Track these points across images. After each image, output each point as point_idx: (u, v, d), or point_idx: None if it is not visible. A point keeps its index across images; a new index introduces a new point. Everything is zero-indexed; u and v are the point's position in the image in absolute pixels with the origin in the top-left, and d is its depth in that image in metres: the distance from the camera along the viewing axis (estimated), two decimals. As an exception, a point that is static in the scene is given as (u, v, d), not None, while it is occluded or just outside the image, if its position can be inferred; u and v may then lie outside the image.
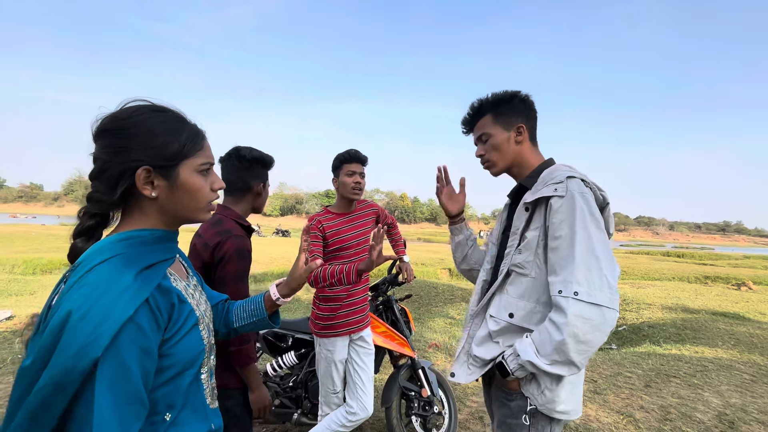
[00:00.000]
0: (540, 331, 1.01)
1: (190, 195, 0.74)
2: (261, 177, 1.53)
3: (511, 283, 1.14)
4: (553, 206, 1.04)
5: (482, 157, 1.28)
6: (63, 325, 0.56)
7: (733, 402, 3.11)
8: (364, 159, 2.02)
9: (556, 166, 1.18)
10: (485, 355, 1.15)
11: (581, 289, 0.95)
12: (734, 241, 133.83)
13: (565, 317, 0.94)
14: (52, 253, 11.44)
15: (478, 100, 1.26)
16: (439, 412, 2.36)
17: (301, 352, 2.48)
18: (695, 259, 26.26)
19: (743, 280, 12.74)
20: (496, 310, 1.15)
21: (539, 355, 0.99)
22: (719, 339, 5.11)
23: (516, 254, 1.12)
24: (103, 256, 0.63)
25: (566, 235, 1.00)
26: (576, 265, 0.97)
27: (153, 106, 0.73)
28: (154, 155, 0.69)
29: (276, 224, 49.88)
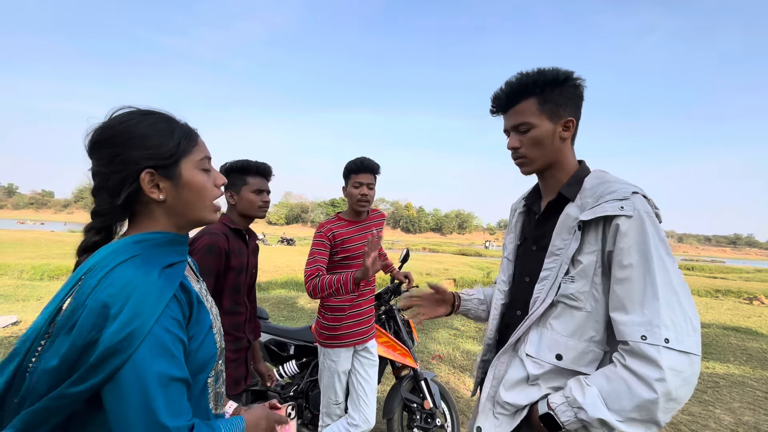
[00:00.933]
0: (610, 381, 0.83)
1: (196, 192, 0.73)
2: (232, 186, 1.63)
3: (558, 316, 0.94)
4: (621, 228, 0.85)
5: (516, 150, 1.03)
6: (98, 322, 0.57)
7: (746, 420, 3.01)
8: (374, 168, 1.95)
9: (602, 174, 1.00)
10: (519, 401, 0.96)
11: (671, 334, 0.79)
12: (745, 254, 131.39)
13: (660, 371, 0.77)
14: (60, 259, 11.57)
15: (520, 76, 0.98)
16: (441, 425, 2.32)
17: (303, 361, 2.46)
18: (705, 272, 25.81)
19: (755, 294, 12.46)
20: (537, 349, 0.95)
21: (610, 410, 0.82)
22: (731, 354, 4.98)
23: (567, 283, 0.92)
24: (122, 256, 0.63)
25: (638, 264, 0.84)
26: (660, 303, 0.80)
27: (140, 111, 0.72)
28: (152, 157, 0.68)
29: (281, 233, 50.02)
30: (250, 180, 1.64)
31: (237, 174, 1.63)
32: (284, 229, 76.31)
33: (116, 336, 0.56)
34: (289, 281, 11.32)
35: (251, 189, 1.64)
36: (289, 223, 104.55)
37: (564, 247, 0.94)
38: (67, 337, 0.57)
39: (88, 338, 0.56)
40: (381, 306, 2.56)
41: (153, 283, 0.62)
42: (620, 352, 0.85)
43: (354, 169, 1.93)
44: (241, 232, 1.63)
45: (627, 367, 0.82)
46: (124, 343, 0.56)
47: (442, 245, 58.40)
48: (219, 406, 0.83)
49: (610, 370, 0.85)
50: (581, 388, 0.86)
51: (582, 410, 0.84)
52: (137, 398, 0.57)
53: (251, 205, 1.64)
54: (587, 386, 0.85)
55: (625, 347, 0.84)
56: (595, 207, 0.90)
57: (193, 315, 0.70)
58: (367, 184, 1.92)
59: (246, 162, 1.65)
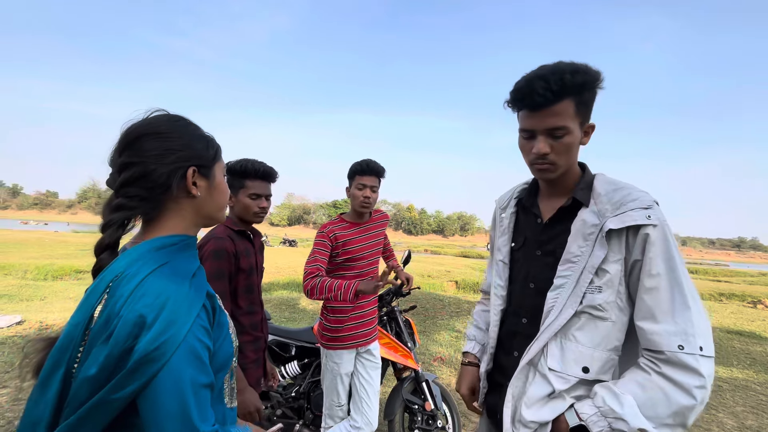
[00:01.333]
0: (645, 389, 0.82)
1: (222, 194, 0.82)
2: (230, 187, 1.55)
3: (581, 328, 0.90)
4: (650, 238, 0.85)
5: (545, 156, 0.92)
6: (134, 332, 0.59)
7: (749, 424, 3.00)
8: (379, 171, 1.94)
9: (609, 178, 0.98)
10: (545, 416, 0.91)
11: (703, 342, 0.81)
12: (750, 257, 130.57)
13: (702, 379, 0.79)
14: (64, 259, 11.64)
15: (560, 72, 0.86)
16: (442, 426, 2.32)
17: (305, 362, 2.47)
18: (709, 276, 25.67)
19: (759, 297, 12.38)
20: (560, 363, 0.91)
21: (646, 417, 0.82)
22: (734, 358, 4.96)
23: (594, 293, 0.89)
24: (151, 264, 0.65)
25: (665, 273, 0.84)
26: (692, 312, 0.82)
27: (181, 116, 0.79)
28: (198, 156, 0.75)
29: (283, 234, 50.15)
30: (248, 183, 1.58)
31: (236, 176, 1.58)
32: (286, 231, 76.47)
33: (152, 344, 0.58)
34: (291, 282, 11.33)
35: (248, 193, 1.58)
36: (292, 225, 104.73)
37: (581, 254, 0.90)
38: (104, 346, 0.59)
39: (124, 347, 0.58)
40: (383, 307, 2.57)
41: (185, 294, 0.65)
42: (652, 360, 0.84)
43: (359, 171, 1.93)
44: (245, 233, 1.61)
45: (664, 375, 0.82)
46: (160, 351, 0.59)
47: (444, 247, 58.31)
48: (233, 399, 0.86)
49: (644, 378, 0.84)
50: (616, 398, 0.83)
51: (621, 420, 0.82)
52: (172, 404, 0.60)
53: (246, 210, 1.60)
54: (623, 395, 0.83)
55: (659, 356, 0.83)
56: (621, 215, 0.87)
57: (216, 318, 0.73)
58: (370, 186, 1.93)
59: (246, 163, 1.59)
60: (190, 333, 0.63)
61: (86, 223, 71.53)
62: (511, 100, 0.94)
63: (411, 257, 2.72)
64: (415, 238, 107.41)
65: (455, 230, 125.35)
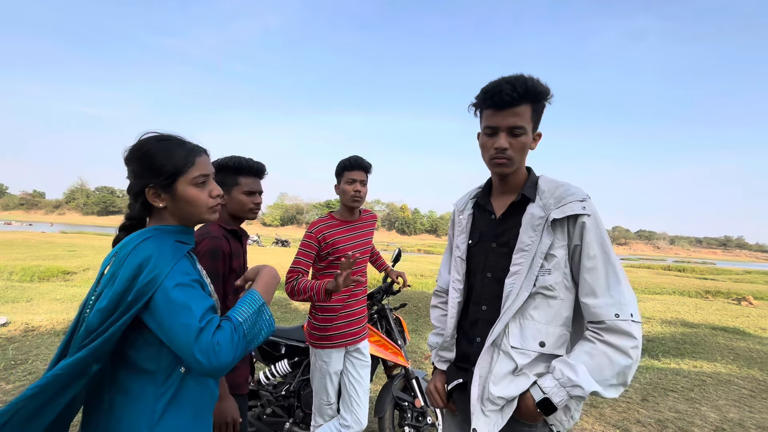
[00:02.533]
0: (593, 356, 0.96)
1: (189, 204, 0.96)
2: (222, 185, 1.47)
3: (537, 307, 1.03)
4: (586, 225, 1.00)
5: (504, 150, 1.05)
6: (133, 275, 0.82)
7: (731, 417, 3.07)
8: (366, 166, 1.98)
9: (550, 178, 1.13)
10: (510, 393, 1.02)
11: (633, 310, 0.96)
12: (735, 256, 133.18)
13: (635, 340, 0.94)
14: (51, 260, 11.43)
15: (524, 80, 1.01)
16: (432, 423, 2.34)
17: (295, 361, 2.47)
18: (696, 274, 26.15)
19: (744, 295, 12.66)
20: (520, 340, 1.03)
21: (596, 381, 0.95)
22: (718, 353, 5.07)
23: (544, 275, 1.02)
24: (144, 236, 0.90)
25: (599, 255, 0.99)
26: (623, 285, 0.98)
27: (159, 136, 0.97)
28: (155, 176, 0.92)
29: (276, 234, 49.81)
30: (241, 180, 1.59)
31: (228, 173, 1.57)
32: (279, 231, 76.01)
33: (145, 279, 0.82)
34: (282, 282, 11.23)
35: (242, 190, 1.58)
36: (284, 225, 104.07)
37: (532, 243, 1.04)
38: (110, 288, 0.83)
39: (126, 285, 0.82)
40: (373, 305, 2.58)
41: (167, 247, 0.89)
42: (594, 330, 0.99)
43: (347, 166, 1.96)
44: (237, 233, 1.59)
45: (606, 341, 0.96)
46: (150, 284, 0.83)
47: (437, 247, 58.50)
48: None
49: (590, 347, 0.98)
50: (571, 368, 0.96)
51: (578, 387, 0.95)
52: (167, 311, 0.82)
53: (241, 207, 1.60)
54: (576, 365, 0.96)
55: (600, 326, 0.98)
56: (562, 207, 1.02)
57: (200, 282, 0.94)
58: (360, 180, 1.96)
59: (238, 160, 1.59)
60: (173, 271, 0.85)
61: (75, 225, 70.24)
62: (480, 100, 1.09)
63: (401, 255, 2.74)
64: (409, 238, 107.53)
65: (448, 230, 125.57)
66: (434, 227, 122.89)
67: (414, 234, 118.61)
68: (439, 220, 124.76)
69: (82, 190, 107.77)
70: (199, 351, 0.78)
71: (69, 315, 5.25)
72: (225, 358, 0.80)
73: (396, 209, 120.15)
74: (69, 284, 8.91)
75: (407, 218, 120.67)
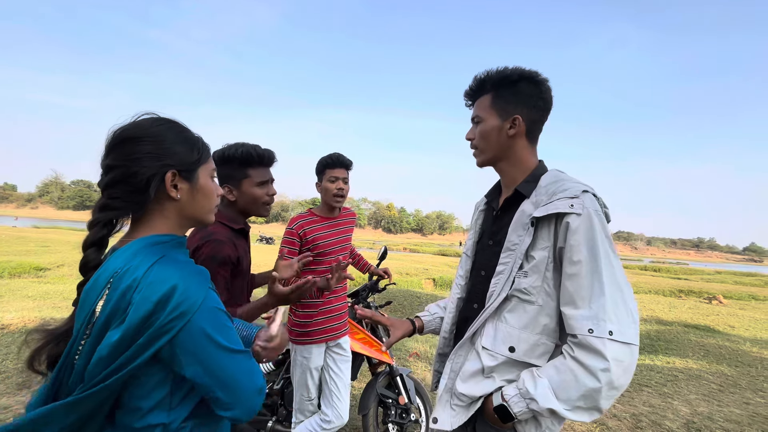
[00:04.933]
0: (559, 372, 0.87)
1: (207, 197, 0.83)
2: (229, 179, 1.38)
3: (512, 310, 0.97)
4: (571, 226, 0.89)
5: (471, 141, 1.12)
6: (150, 315, 0.65)
7: (701, 410, 3.21)
8: (347, 164, 1.97)
9: (558, 173, 1.03)
10: (474, 392, 0.98)
11: (614, 327, 0.83)
12: (707, 257, 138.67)
13: (605, 362, 0.82)
14: (23, 256, 10.97)
15: (483, 74, 1.06)
16: (416, 420, 2.36)
17: (278, 359, 2.45)
18: (671, 274, 27.14)
19: (714, 294, 13.22)
20: (492, 342, 0.98)
21: (559, 399, 0.86)
22: (690, 350, 5.28)
23: (521, 277, 0.95)
24: (150, 258, 0.69)
25: (586, 260, 0.87)
26: (606, 299, 0.84)
27: (168, 118, 0.80)
28: (178, 160, 0.77)
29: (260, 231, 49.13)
30: (252, 172, 1.38)
31: (234, 165, 1.36)
32: (263, 228, 75.02)
33: (170, 316, 0.65)
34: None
35: (254, 182, 1.38)
36: (269, 222, 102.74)
37: (519, 242, 0.97)
38: (116, 330, 0.65)
39: (140, 328, 0.65)
40: (358, 303, 2.58)
41: (190, 274, 0.70)
42: (569, 344, 0.89)
43: (329, 164, 1.95)
44: (244, 231, 1.41)
45: (575, 358, 0.86)
46: (178, 318, 0.66)
47: (423, 245, 58.81)
48: None
49: (560, 362, 0.89)
50: (533, 380, 0.89)
51: (534, 401, 0.87)
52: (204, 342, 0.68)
53: (255, 201, 1.39)
54: (538, 377, 0.89)
55: (573, 340, 0.88)
56: (547, 204, 0.93)
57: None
58: (342, 178, 1.94)
59: (245, 150, 1.36)
60: (206, 299, 0.69)
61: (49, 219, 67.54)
62: (464, 100, 1.15)
63: (387, 254, 2.75)
64: (395, 237, 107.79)
65: (434, 229, 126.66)
66: (420, 226, 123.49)
67: (400, 233, 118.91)
68: (425, 219, 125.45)
69: (57, 184, 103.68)
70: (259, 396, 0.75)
71: (41, 313, 5.06)
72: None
73: (382, 208, 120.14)
74: (42, 281, 8.57)
75: (393, 217, 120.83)
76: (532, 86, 1.02)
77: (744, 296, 13.73)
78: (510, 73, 1.02)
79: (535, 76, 1.02)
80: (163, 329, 0.65)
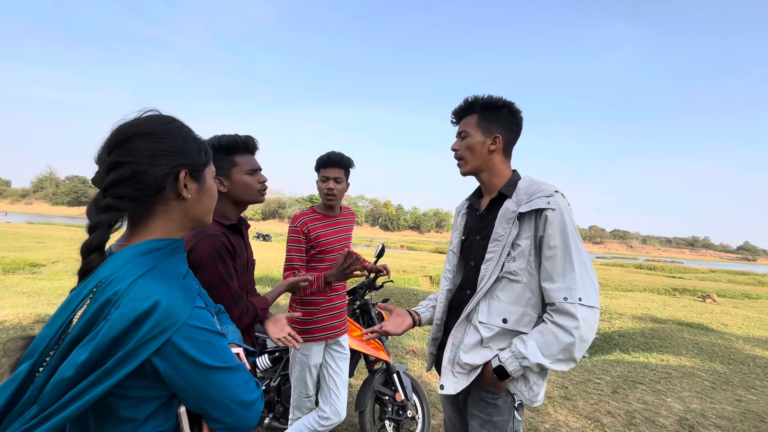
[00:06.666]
0: (543, 334, 1.10)
1: (211, 198, 0.82)
2: (218, 170, 1.33)
3: (503, 289, 1.18)
4: (548, 218, 1.12)
5: (456, 152, 1.33)
6: (124, 334, 0.59)
7: (694, 407, 3.25)
8: (342, 163, 1.92)
9: (531, 178, 1.26)
10: (476, 361, 1.19)
11: (582, 294, 1.07)
12: (701, 255, 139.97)
13: (576, 321, 1.06)
14: (17, 252, 10.88)
15: (472, 98, 1.29)
16: (412, 416, 2.37)
17: (275, 356, 2.45)
18: (665, 272, 27.36)
19: (708, 292, 13.35)
20: (487, 316, 1.19)
21: (544, 356, 1.09)
22: (684, 348, 5.33)
23: (510, 262, 1.17)
24: (138, 270, 0.64)
25: (560, 245, 1.11)
26: (576, 273, 1.08)
27: (174, 117, 0.77)
28: (189, 160, 0.75)
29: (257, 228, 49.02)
30: (239, 159, 1.36)
31: (222, 155, 1.34)
32: (260, 225, 74.75)
33: (148, 335, 0.60)
34: (265, 277, 11.13)
35: (244, 170, 1.36)
36: (266, 219, 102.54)
37: (505, 234, 1.19)
38: (84, 348, 0.58)
39: (108, 348, 0.59)
40: (356, 301, 2.58)
41: (176, 295, 0.65)
42: (548, 312, 1.13)
43: (322, 164, 1.92)
44: (237, 227, 1.38)
45: (554, 322, 1.10)
46: (153, 340, 0.61)
47: (420, 243, 58.92)
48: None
49: (542, 327, 1.12)
50: (523, 343, 1.12)
51: (525, 359, 1.10)
52: (187, 359, 0.64)
53: (248, 189, 1.37)
54: (527, 341, 1.12)
55: (552, 307, 1.11)
56: (529, 202, 1.16)
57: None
58: (334, 178, 1.90)
59: (229, 138, 1.35)
60: (190, 317, 0.64)
61: (44, 215, 66.95)
62: (451, 118, 1.37)
63: (384, 251, 2.75)
64: (392, 234, 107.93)
65: (431, 226, 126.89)
66: (417, 224, 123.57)
67: (397, 230, 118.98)
68: (422, 216, 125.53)
69: (51, 179, 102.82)
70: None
71: (36, 309, 5.03)
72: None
73: (380, 205, 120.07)
74: (36, 277, 8.52)
75: (390, 214, 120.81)
76: (511, 114, 1.28)
77: (737, 295, 13.89)
78: (495, 100, 1.27)
79: (513, 106, 1.28)
80: (136, 351, 0.59)
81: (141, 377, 0.64)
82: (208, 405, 0.68)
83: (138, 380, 0.64)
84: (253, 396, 0.73)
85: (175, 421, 0.70)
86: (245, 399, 0.71)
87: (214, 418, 0.70)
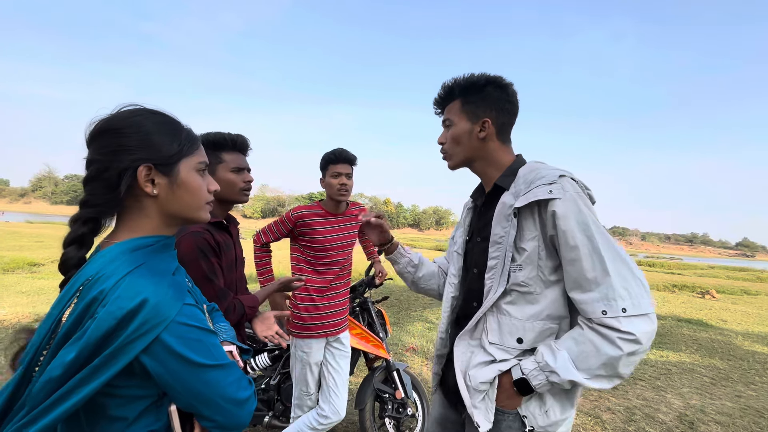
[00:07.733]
0: (578, 343, 0.88)
1: (191, 193, 0.75)
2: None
3: (513, 303, 0.97)
4: (557, 212, 0.89)
5: (442, 145, 1.13)
6: (110, 333, 0.58)
7: (693, 403, 3.25)
8: (352, 159, 1.96)
9: (536, 164, 1.04)
10: (489, 375, 0.99)
11: (627, 303, 0.84)
12: (700, 252, 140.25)
13: (622, 333, 0.84)
14: (16, 251, 10.87)
15: (450, 81, 1.09)
16: (412, 414, 2.37)
17: (275, 354, 2.44)
18: (665, 269, 27.42)
19: (707, 288, 13.37)
20: (498, 336, 0.98)
21: (579, 369, 0.87)
22: (683, 344, 5.34)
23: (516, 271, 0.96)
24: (125, 267, 0.64)
25: (582, 244, 0.87)
26: (612, 277, 0.85)
27: (149, 109, 0.74)
28: (154, 153, 0.70)
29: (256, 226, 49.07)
30: (225, 157, 1.36)
31: (209, 150, 1.33)
32: (259, 223, 74.78)
33: (135, 333, 0.59)
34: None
35: (229, 168, 1.36)
36: (265, 217, 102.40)
37: (504, 234, 0.97)
38: (72, 347, 0.58)
39: (95, 347, 0.58)
40: (355, 298, 2.58)
41: (164, 292, 0.64)
42: (584, 323, 0.90)
43: (332, 160, 1.94)
44: (222, 224, 1.38)
45: (593, 328, 0.87)
46: (142, 338, 0.60)
47: (419, 240, 58.96)
48: None
49: (578, 333, 0.90)
50: (552, 353, 0.90)
51: (554, 373, 0.88)
52: (175, 357, 0.63)
53: (231, 187, 1.36)
54: (558, 350, 0.90)
55: (589, 324, 0.89)
56: (527, 193, 0.93)
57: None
58: (345, 174, 1.94)
59: (217, 135, 1.36)
60: (179, 314, 0.63)
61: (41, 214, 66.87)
62: (433, 108, 1.17)
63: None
64: (391, 232, 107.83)
65: (431, 224, 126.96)
66: (417, 221, 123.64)
67: (397, 228, 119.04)
68: (421, 214, 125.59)
69: (50, 178, 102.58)
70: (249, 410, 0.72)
71: (35, 308, 5.02)
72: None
73: (379, 203, 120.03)
74: (35, 276, 8.50)
75: (390, 212, 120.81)
76: (498, 90, 1.05)
77: (736, 291, 13.92)
78: (477, 79, 1.05)
79: (500, 81, 1.05)
80: (123, 349, 0.59)
81: (130, 376, 0.63)
82: (199, 403, 0.67)
83: (127, 379, 0.63)
84: (246, 394, 0.72)
85: (167, 419, 0.69)
86: (237, 397, 0.70)
87: (206, 417, 0.69)
